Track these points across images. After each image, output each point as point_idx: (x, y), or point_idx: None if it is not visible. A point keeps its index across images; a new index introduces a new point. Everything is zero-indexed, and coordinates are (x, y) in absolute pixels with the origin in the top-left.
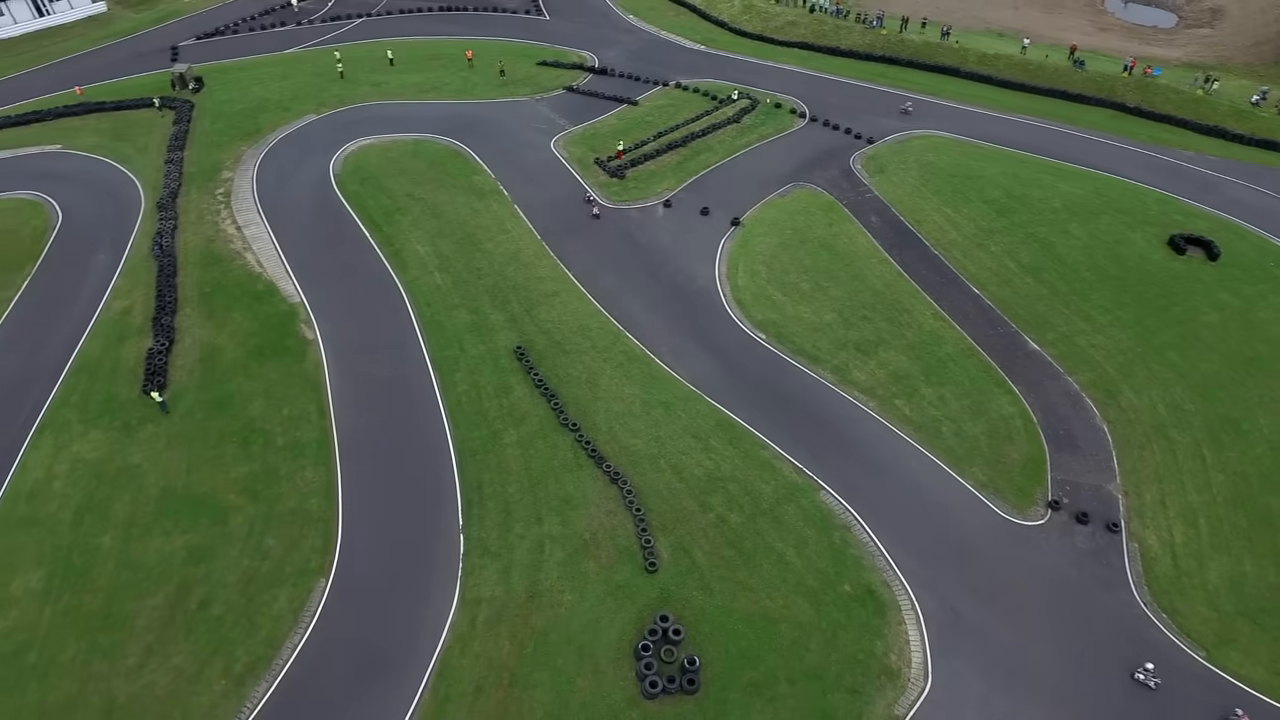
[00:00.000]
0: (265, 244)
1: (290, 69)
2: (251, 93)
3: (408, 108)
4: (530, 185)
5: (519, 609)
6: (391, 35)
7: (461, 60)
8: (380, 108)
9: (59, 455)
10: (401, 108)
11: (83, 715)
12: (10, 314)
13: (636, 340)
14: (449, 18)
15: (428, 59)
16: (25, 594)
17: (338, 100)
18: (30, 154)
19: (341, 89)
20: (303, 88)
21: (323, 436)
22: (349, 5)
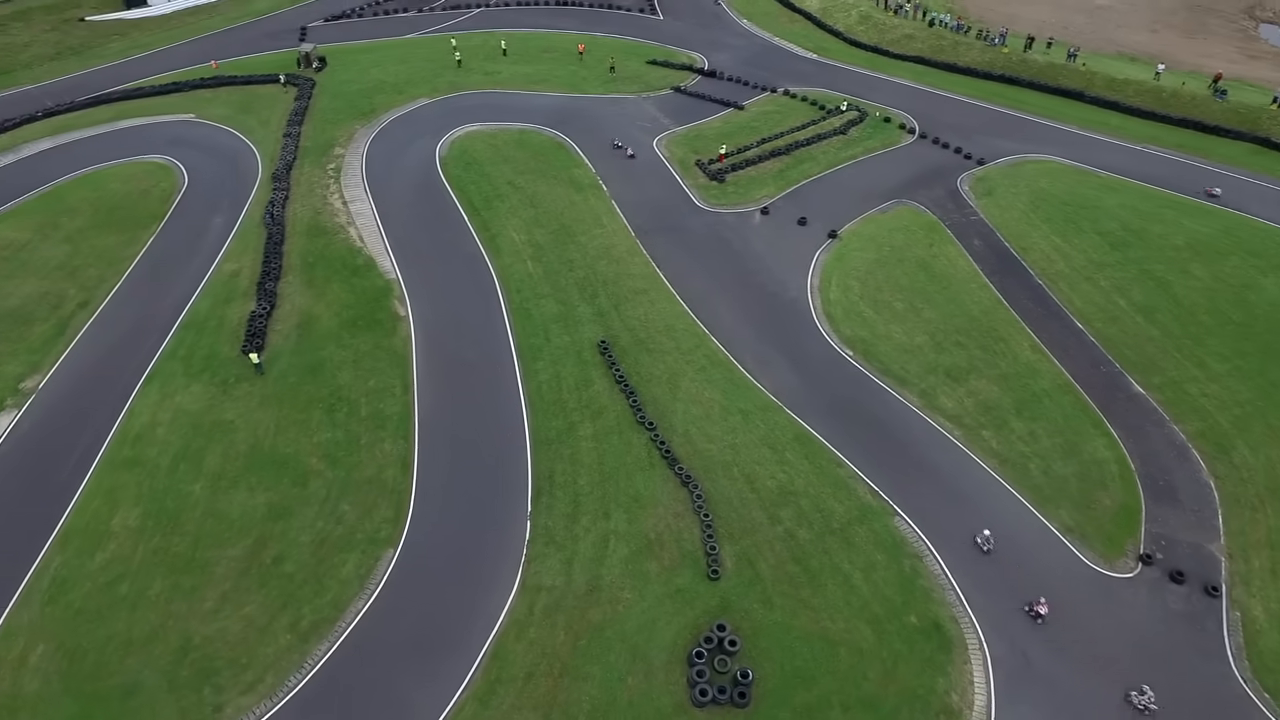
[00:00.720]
0: (368, 220)
1: (408, 54)
2: (369, 74)
3: (517, 98)
4: (629, 182)
5: (577, 601)
6: (506, 26)
7: (573, 54)
8: (490, 96)
9: (163, 404)
10: (511, 97)
11: (162, 649)
12: (134, 268)
13: (721, 345)
14: (563, 12)
15: (540, 51)
16: (123, 529)
17: (450, 86)
18: (166, 121)
19: (454, 76)
20: (418, 72)
21: (405, 411)
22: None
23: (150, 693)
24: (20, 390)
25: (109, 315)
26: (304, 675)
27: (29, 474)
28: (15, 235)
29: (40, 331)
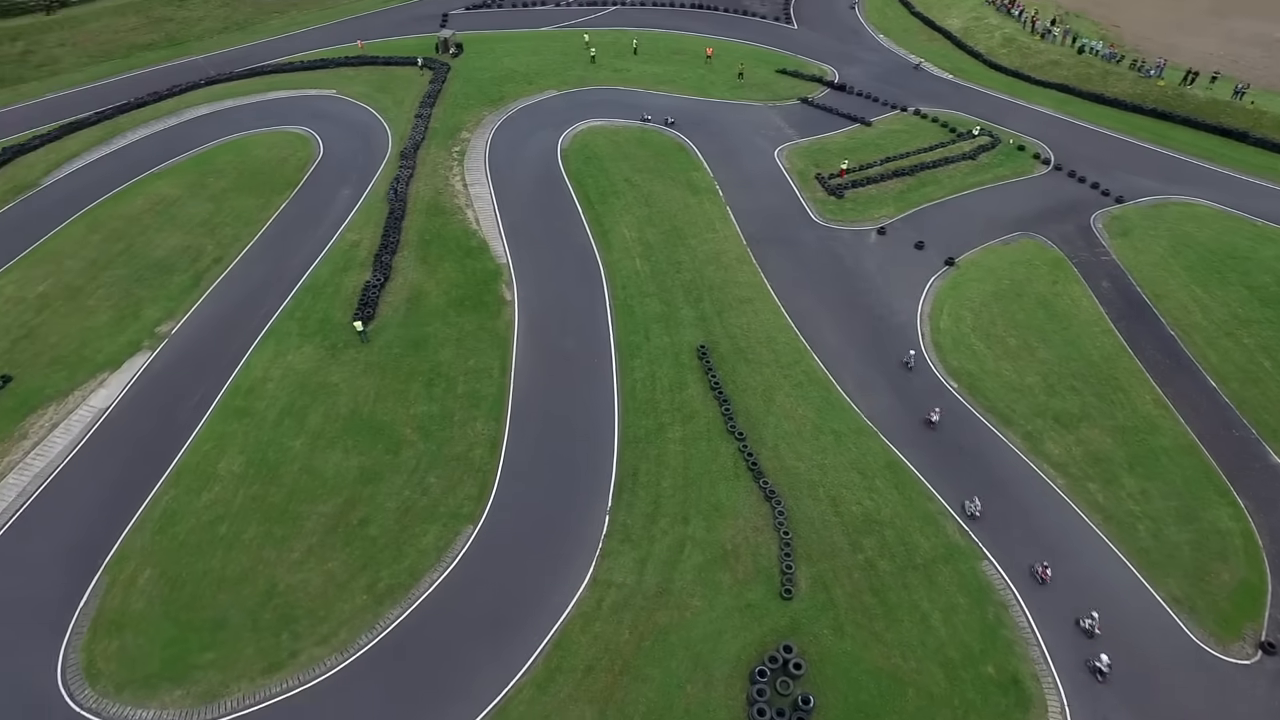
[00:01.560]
0: (485, 204)
1: (541, 45)
2: (502, 63)
3: (643, 96)
4: (746, 190)
5: (646, 602)
6: (639, 25)
7: (702, 57)
8: (617, 93)
9: (276, 361)
10: (637, 95)
11: (249, 591)
12: (266, 231)
13: (821, 363)
14: (697, 15)
15: (670, 52)
16: (228, 474)
17: (579, 80)
18: (310, 95)
19: (584, 70)
20: (549, 64)
21: (500, 393)
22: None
23: (235, 629)
24: (156, 334)
25: (239, 272)
26: (374, 636)
27: (155, 411)
28: (169, 191)
29: (179, 281)
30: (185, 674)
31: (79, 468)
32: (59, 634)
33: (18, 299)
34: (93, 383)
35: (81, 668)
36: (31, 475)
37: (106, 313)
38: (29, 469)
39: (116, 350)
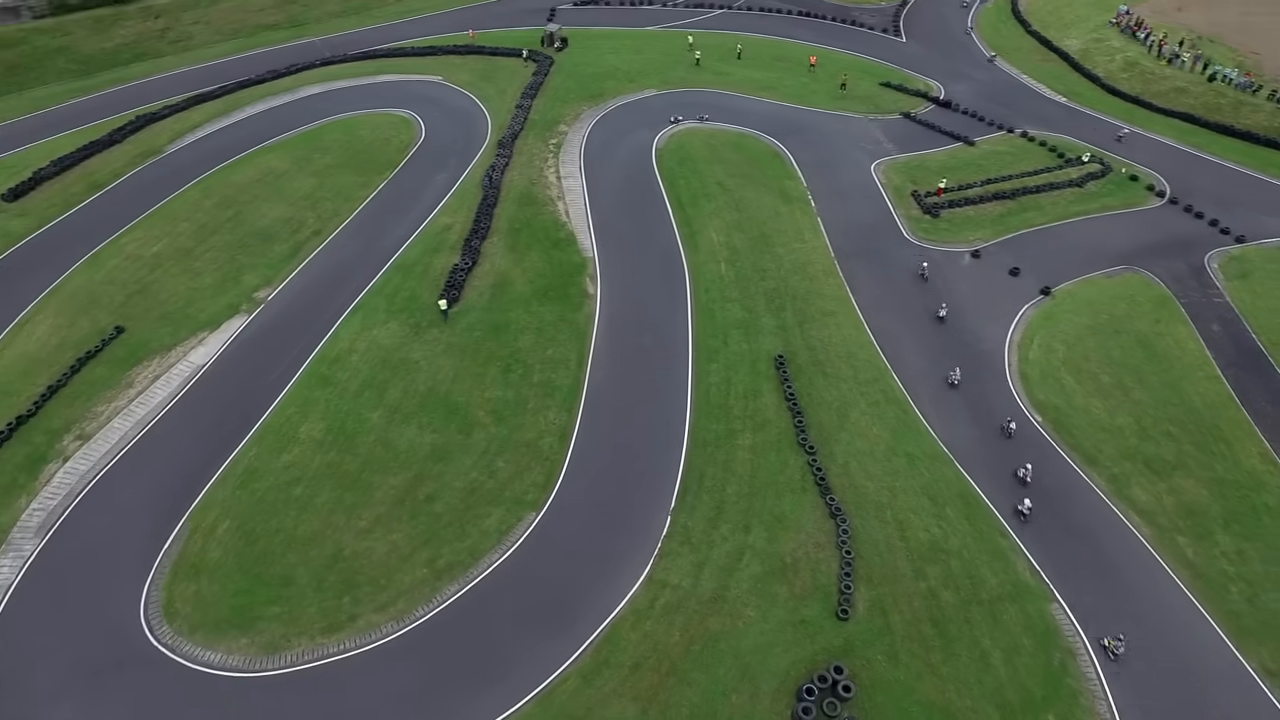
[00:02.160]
0: (577, 198)
1: (645, 44)
2: (605, 60)
3: (742, 101)
4: (839, 202)
5: (699, 606)
6: (744, 30)
7: (805, 65)
8: (717, 96)
9: (362, 334)
10: (737, 100)
11: (317, 553)
12: (364, 209)
13: (900, 383)
14: (803, 23)
15: (773, 59)
16: (308, 438)
17: (680, 81)
18: (417, 80)
19: (685, 71)
20: (651, 63)
21: (574, 385)
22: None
23: (301, 588)
24: (254, 299)
25: (335, 245)
26: (430, 610)
27: (246, 372)
28: (277, 164)
29: (279, 251)
30: (251, 624)
31: (174, 419)
32: (144, 571)
33: (136, 256)
34: (193, 340)
35: (161, 605)
36: (133, 422)
37: (211, 275)
38: (131, 415)
39: (217, 311)
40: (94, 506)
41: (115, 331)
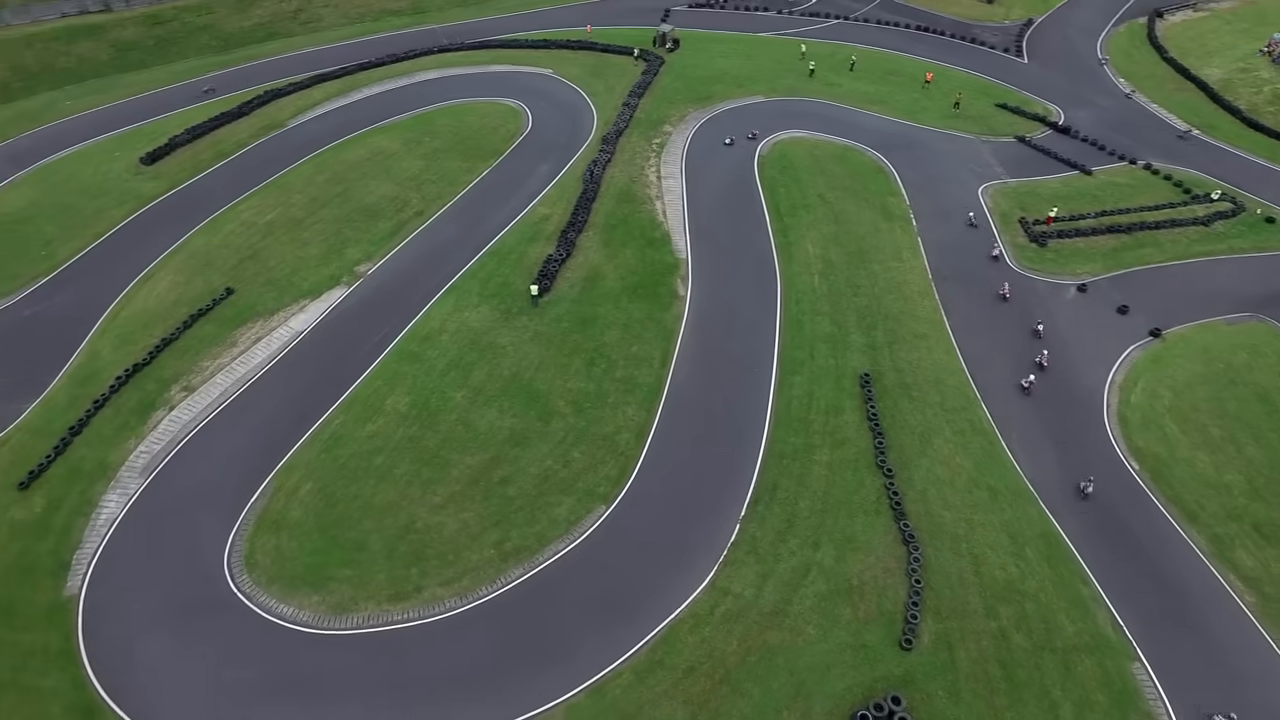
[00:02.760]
0: (675, 199)
1: (756, 50)
2: (715, 63)
3: (850, 113)
4: (941, 223)
5: (759, 618)
6: (859, 42)
7: (918, 81)
8: (825, 107)
9: (453, 315)
10: (844, 112)
11: (391, 522)
12: (466, 193)
13: (989, 413)
14: (921, 38)
15: (886, 72)
16: (392, 411)
17: (789, 89)
18: (528, 72)
19: (795, 80)
20: (761, 70)
21: (656, 384)
22: (831, 4)
23: (372, 554)
24: (354, 272)
25: (436, 227)
26: (493, 590)
27: (341, 341)
28: (388, 145)
29: (382, 228)
30: (323, 583)
31: (271, 380)
32: (231, 521)
33: (251, 223)
34: (295, 307)
35: (243, 555)
36: (234, 379)
37: (317, 246)
38: (233, 373)
39: (319, 281)
40: (192, 455)
41: (225, 292)
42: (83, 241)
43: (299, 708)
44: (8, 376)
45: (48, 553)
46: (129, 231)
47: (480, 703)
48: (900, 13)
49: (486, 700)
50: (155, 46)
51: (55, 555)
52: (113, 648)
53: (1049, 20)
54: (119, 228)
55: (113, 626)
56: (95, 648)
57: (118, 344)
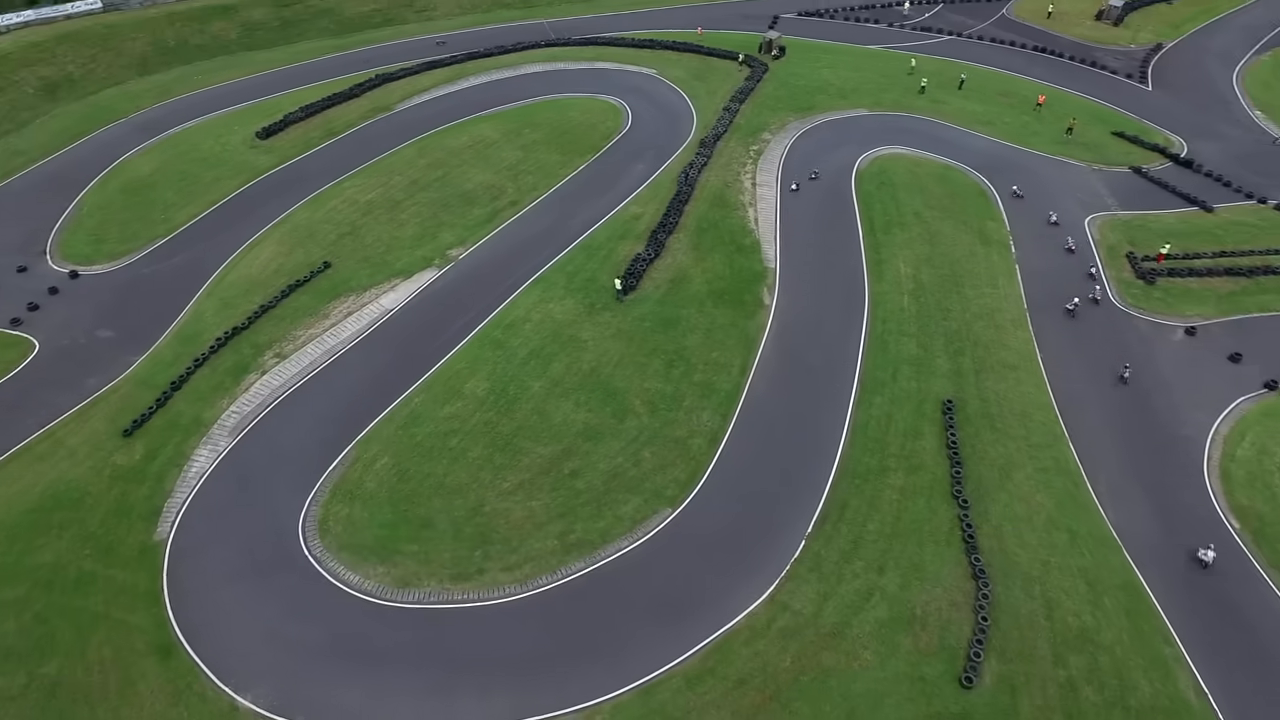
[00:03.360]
0: (768, 207)
1: (863, 62)
2: (820, 74)
3: (955, 133)
4: (1042, 252)
5: (816, 638)
6: (971, 59)
7: (1030, 104)
8: (929, 124)
9: (538, 306)
10: (949, 130)
11: (460, 503)
12: (561, 187)
13: (1076, 453)
14: (1037, 59)
15: (996, 93)
16: (471, 395)
17: (893, 104)
18: (632, 71)
19: (900, 94)
20: (866, 83)
21: (734, 391)
22: (944, 20)
23: (439, 532)
24: (446, 256)
25: (528, 217)
26: (553, 580)
27: (427, 322)
28: (489, 134)
29: (476, 214)
30: (390, 556)
31: (358, 354)
32: (309, 487)
33: (353, 201)
34: (386, 285)
35: (317, 521)
36: (323, 350)
37: (413, 227)
38: (323, 344)
39: (411, 262)
40: (279, 419)
41: (323, 266)
42: (198, 208)
43: (354, 672)
44: (123, 330)
45: (143, 498)
46: (240, 201)
47: (529, 690)
48: (1017, 31)
49: (535, 688)
50: (279, 28)
51: (149, 501)
52: (191, 593)
53: (1180, 46)
54: (231, 197)
55: (193, 573)
56: (176, 591)
57: (220, 307)
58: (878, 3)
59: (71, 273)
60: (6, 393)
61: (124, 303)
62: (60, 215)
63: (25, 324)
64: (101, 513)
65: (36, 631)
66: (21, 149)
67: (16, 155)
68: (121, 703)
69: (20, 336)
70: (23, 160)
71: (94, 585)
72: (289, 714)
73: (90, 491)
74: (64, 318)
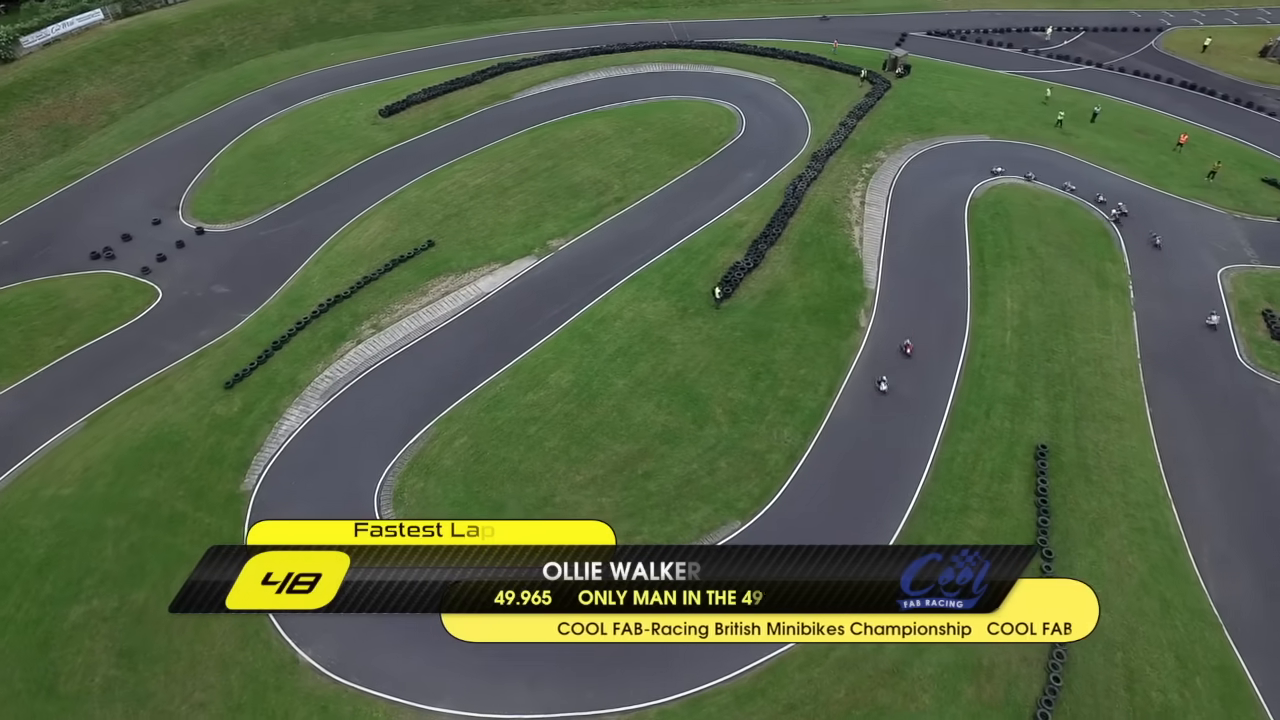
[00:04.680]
0: (874, 228)
1: (992, 88)
2: (944, 96)
3: (1082, 167)
4: (1165, 301)
5: (874, 673)
6: (1109, 92)
7: (1169, 142)
8: (1055, 156)
9: (631, 303)
10: (1076, 165)
11: (531, 490)
12: (667, 188)
13: (1178, 518)
14: (1184, 96)
15: (1133, 129)
16: (555, 385)
17: (1018, 132)
18: (750, 78)
19: (1026, 123)
20: (992, 108)
21: (818, 410)
22: (1084, 49)
23: (508, 517)
24: (547, 246)
25: (631, 215)
26: None
27: (520, 309)
28: (601, 129)
29: (581, 207)
30: None
31: (450, 333)
32: (389, 457)
33: (462, 184)
34: (485, 268)
35: (393, 491)
36: (418, 326)
37: (517, 215)
38: (418, 320)
39: (512, 249)
40: (368, 388)
41: (427, 244)
42: (318, 178)
43: (412, 643)
44: (237, 287)
45: (235, 449)
46: (356, 175)
47: (576, 688)
48: (1166, 65)
49: (583, 687)
50: (413, 11)
51: (240, 453)
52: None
53: None
54: (349, 170)
55: None
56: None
57: (326, 274)
58: (1014, 27)
59: (198, 229)
60: (130, 335)
61: (241, 261)
62: (195, 175)
63: (153, 273)
64: (197, 458)
65: (130, 560)
66: (170, 111)
67: (165, 117)
68: (196, 639)
69: (147, 284)
70: (170, 122)
71: (183, 525)
72: (343, 673)
73: (189, 437)
74: (187, 271)
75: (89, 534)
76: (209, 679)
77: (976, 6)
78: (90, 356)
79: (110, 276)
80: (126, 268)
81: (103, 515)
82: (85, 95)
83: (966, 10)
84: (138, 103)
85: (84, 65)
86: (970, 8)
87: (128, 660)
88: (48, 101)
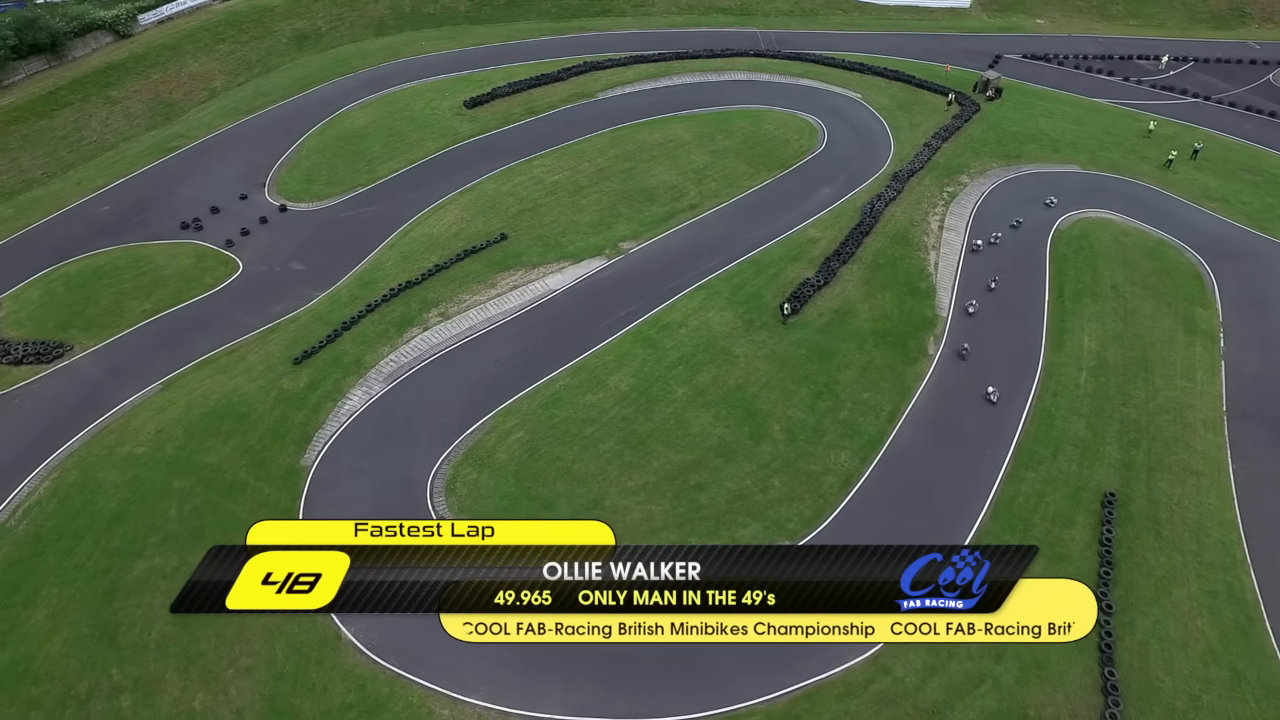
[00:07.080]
0: (951, 254)
1: (1086, 116)
2: (1035, 122)
3: (1178, 205)
4: (1259, 352)
5: (914, 712)
6: (1214, 127)
7: (1278, 183)
8: (1148, 192)
9: (697, 312)
10: (1171, 202)
11: (582, 491)
12: (743, 198)
13: (1257, 584)
14: None
15: (1238, 167)
16: (614, 388)
17: (1110, 164)
18: (836, 92)
19: (1120, 155)
20: (1085, 137)
21: (878, 436)
22: (1193, 81)
23: (557, 515)
24: (618, 247)
25: (705, 223)
26: None
27: (586, 309)
28: (681, 134)
29: (655, 211)
30: None
31: (515, 328)
32: (445, 445)
33: (538, 180)
34: (555, 265)
35: (446, 479)
36: (484, 317)
37: (590, 214)
38: (485, 311)
39: (583, 248)
40: (430, 375)
41: (500, 237)
42: (399, 164)
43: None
44: (313, 265)
45: (298, 424)
46: (437, 164)
47: (611, 696)
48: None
49: (616, 695)
50: (504, 5)
51: (303, 428)
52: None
53: None
54: (430, 158)
55: (327, 503)
56: (310, 516)
57: (399, 260)
58: (1116, 54)
59: (281, 206)
60: (210, 305)
61: (319, 240)
62: (283, 153)
63: (236, 246)
64: (262, 430)
65: (192, 523)
66: (266, 90)
67: (261, 96)
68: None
69: (230, 257)
70: (264, 101)
71: (244, 493)
72: (383, 655)
73: (256, 408)
74: (267, 246)
75: (157, 494)
76: (255, 645)
77: (1077, 31)
78: (172, 322)
79: (196, 247)
80: (212, 239)
81: (170, 477)
82: (190, 72)
83: (1066, 35)
84: (236, 81)
85: (191, 43)
86: (1071, 32)
87: (182, 620)
88: (156, 76)
